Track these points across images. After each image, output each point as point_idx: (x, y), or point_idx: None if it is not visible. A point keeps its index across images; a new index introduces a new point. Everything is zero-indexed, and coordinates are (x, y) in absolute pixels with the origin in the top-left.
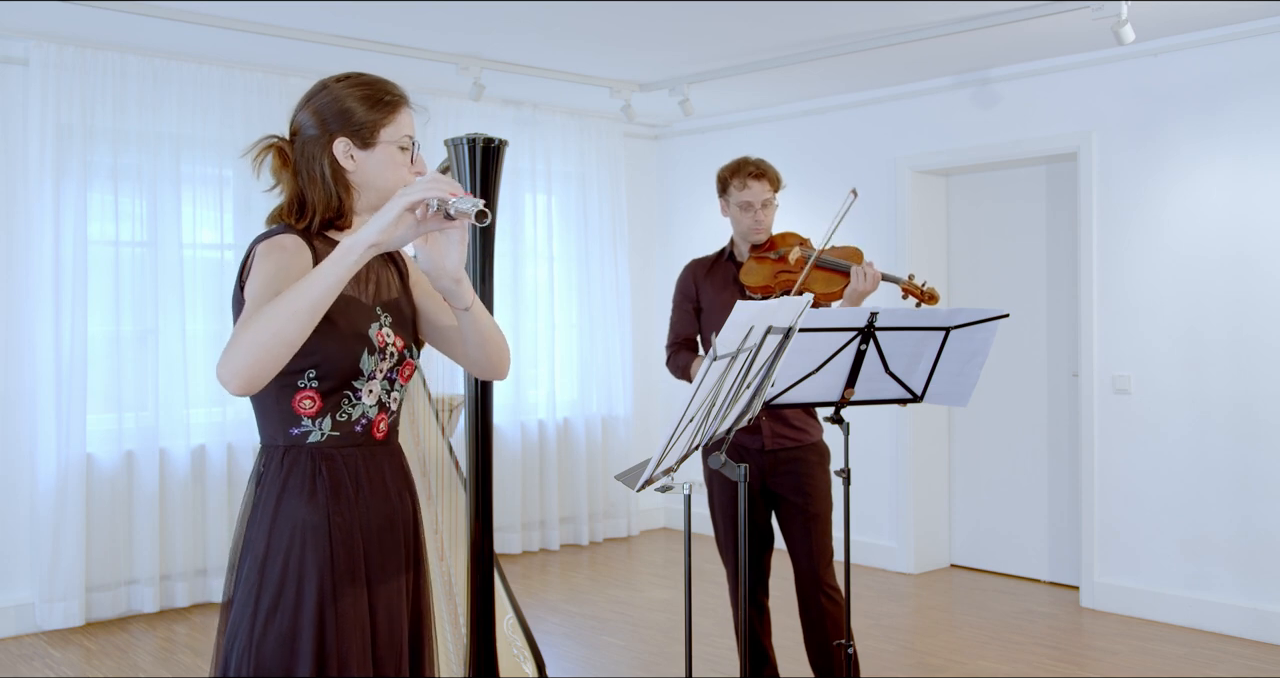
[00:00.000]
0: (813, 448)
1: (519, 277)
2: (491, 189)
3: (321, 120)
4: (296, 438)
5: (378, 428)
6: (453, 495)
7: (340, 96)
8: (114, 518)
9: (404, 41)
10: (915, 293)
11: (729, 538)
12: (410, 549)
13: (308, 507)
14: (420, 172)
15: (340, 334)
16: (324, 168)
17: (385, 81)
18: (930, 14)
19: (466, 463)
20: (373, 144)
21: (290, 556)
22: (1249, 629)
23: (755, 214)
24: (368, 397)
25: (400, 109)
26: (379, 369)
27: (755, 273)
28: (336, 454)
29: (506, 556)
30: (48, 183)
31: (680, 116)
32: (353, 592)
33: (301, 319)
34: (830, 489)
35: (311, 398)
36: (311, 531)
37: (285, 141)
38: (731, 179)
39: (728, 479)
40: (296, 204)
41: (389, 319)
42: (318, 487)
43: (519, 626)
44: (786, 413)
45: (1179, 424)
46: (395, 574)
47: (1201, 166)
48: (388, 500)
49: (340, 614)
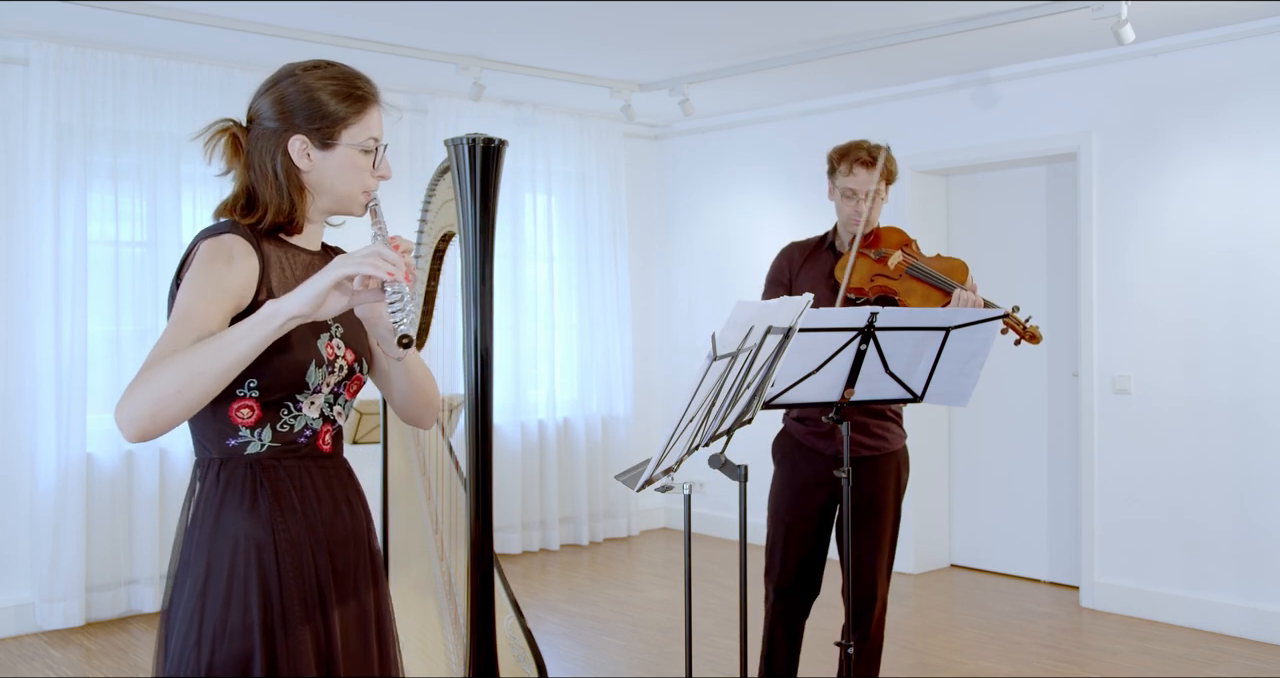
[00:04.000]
0: (890, 458)
1: (519, 277)
2: (491, 189)
3: (283, 111)
4: (234, 449)
5: (322, 440)
6: (453, 496)
7: (308, 86)
8: (114, 518)
9: (404, 41)
10: (1017, 329)
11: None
12: (367, 567)
13: (249, 520)
14: (384, 175)
15: (287, 344)
16: (277, 165)
17: (358, 75)
18: (930, 14)
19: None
20: (332, 145)
21: (234, 575)
22: (1249, 629)
23: (857, 204)
24: (309, 409)
25: (369, 107)
26: (325, 383)
27: (855, 270)
28: (279, 466)
29: (506, 556)
30: (48, 183)
31: (680, 116)
32: (307, 615)
33: (207, 383)
34: (901, 502)
35: (250, 407)
36: (255, 546)
37: (240, 128)
38: (840, 162)
39: (790, 486)
40: (246, 198)
41: (340, 330)
42: (259, 499)
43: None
44: (868, 420)
45: (1179, 424)
46: (351, 597)
47: (1201, 167)
48: (339, 514)
49: (294, 638)
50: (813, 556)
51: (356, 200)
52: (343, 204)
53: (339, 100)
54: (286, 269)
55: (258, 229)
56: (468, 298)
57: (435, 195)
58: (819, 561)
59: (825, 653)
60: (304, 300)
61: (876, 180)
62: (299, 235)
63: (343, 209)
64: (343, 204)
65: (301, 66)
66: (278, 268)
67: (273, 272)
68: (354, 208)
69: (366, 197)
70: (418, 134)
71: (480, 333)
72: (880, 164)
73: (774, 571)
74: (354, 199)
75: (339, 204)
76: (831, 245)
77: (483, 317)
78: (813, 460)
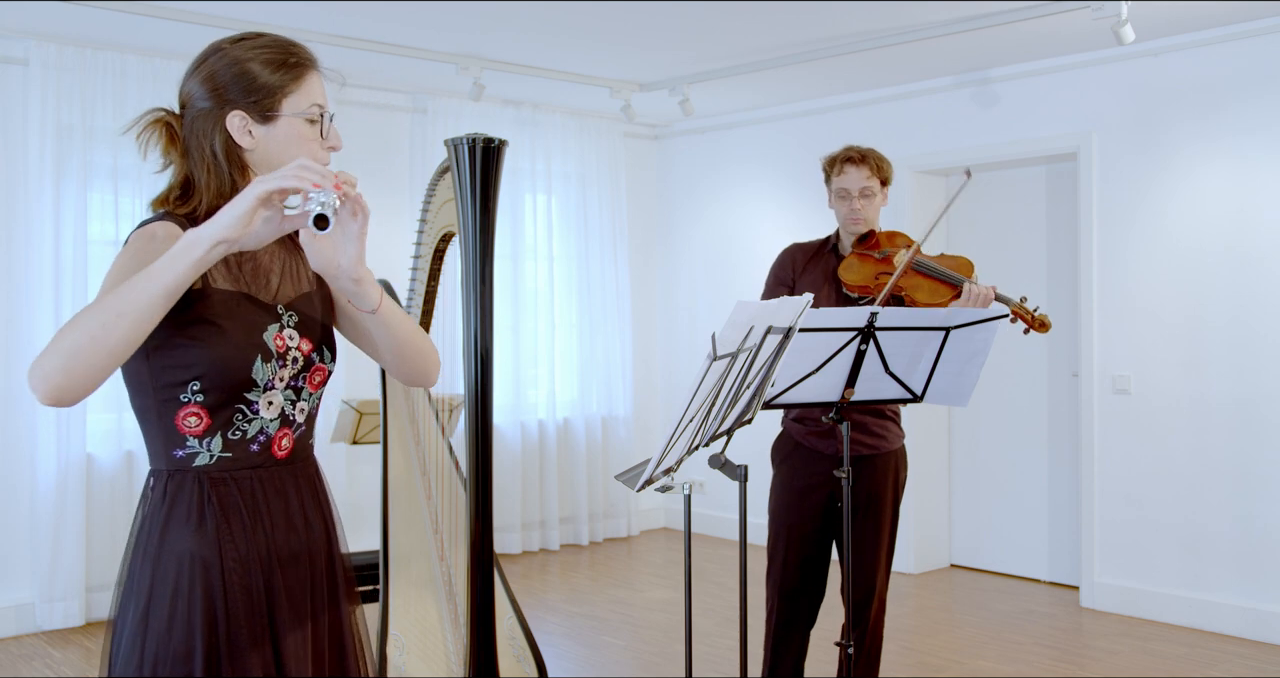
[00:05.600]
0: (888, 457)
1: (519, 277)
2: (491, 189)
3: (214, 88)
4: (181, 461)
5: (278, 445)
6: (453, 496)
7: (237, 58)
8: (114, 518)
9: (404, 41)
10: (1026, 318)
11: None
12: (326, 585)
13: (194, 538)
14: (334, 146)
15: (227, 339)
16: (215, 146)
17: (290, 42)
18: (930, 14)
19: (466, 463)
20: (274, 117)
21: (177, 596)
22: (1249, 629)
23: (851, 203)
24: (266, 410)
25: (307, 73)
26: (278, 377)
27: (855, 270)
28: (229, 478)
29: (506, 556)
30: (48, 183)
31: (680, 116)
32: (254, 639)
33: (125, 325)
34: (899, 501)
35: (197, 414)
36: (201, 567)
37: (173, 116)
38: (832, 166)
39: (791, 488)
40: (182, 188)
41: (294, 319)
42: (206, 516)
43: (519, 626)
44: (867, 419)
45: (1179, 424)
46: (306, 619)
47: (1201, 166)
48: (293, 531)
49: (239, 664)
50: (816, 556)
51: None
52: None
53: (273, 69)
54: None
55: (194, 217)
56: (468, 298)
57: (435, 195)
58: (823, 561)
59: (825, 653)
60: (226, 223)
61: (868, 176)
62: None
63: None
64: None
65: (229, 40)
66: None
67: None
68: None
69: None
70: (418, 134)
71: (480, 333)
72: (870, 160)
73: (776, 573)
74: None
75: None
76: (835, 248)
77: (483, 317)
78: (812, 462)
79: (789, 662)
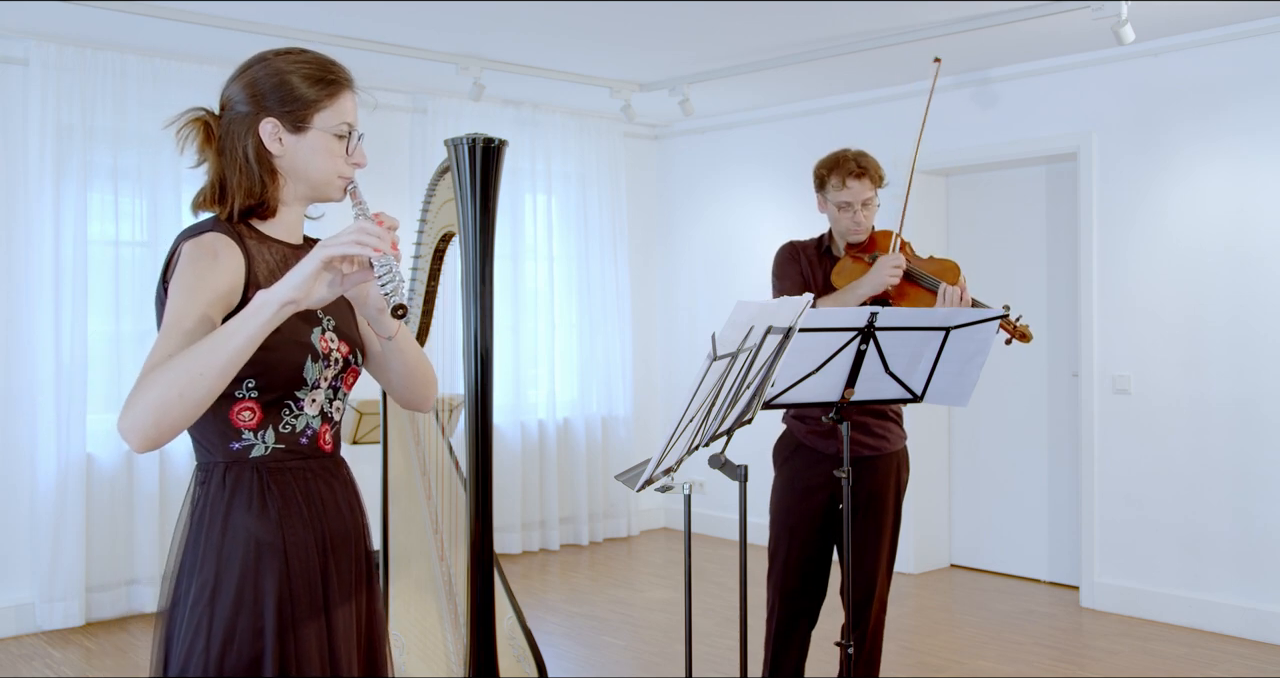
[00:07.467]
0: (890, 458)
1: (519, 277)
2: (491, 189)
3: (254, 94)
4: (239, 453)
5: (323, 439)
6: (453, 496)
7: (279, 69)
8: (114, 518)
9: (404, 41)
10: (1008, 328)
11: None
12: (362, 569)
13: (259, 524)
14: (359, 163)
15: (283, 340)
16: (248, 149)
17: (331, 61)
18: (930, 14)
19: (466, 463)
20: (304, 128)
21: (245, 580)
22: (1249, 629)
23: (855, 215)
24: (310, 407)
25: (342, 92)
26: (323, 377)
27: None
28: (284, 469)
29: (506, 556)
30: (48, 183)
31: (680, 116)
32: (312, 617)
33: (208, 383)
34: (901, 502)
35: (251, 409)
36: (267, 550)
37: (213, 116)
38: (829, 176)
39: (792, 490)
40: (218, 188)
41: (332, 323)
42: (269, 503)
43: (519, 626)
44: (868, 420)
45: (1179, 424)
46: (350, 596)
47: (1201, 167)
48: (340, 517)
49: (301, 641)
50: (817, 556)
51: (333, 184)
52: (319, 190)
53: (310, 84)
54: (271, 263)
55: (232, 220)
56: (468, 298)
57: (435, 195)
58: (824, 562)
59: (825, 653)
60: (293, 285)
61: (870, 188)
62: (278, 226)
63: (320, 195)
64: (319, 190)
65: (274, 52)
66: (261, 262)
67: (258, 266)
68: (331, 193)
69: (343, 182)
70: (418, 134)
71: (480, 333)
72: (870, 172)
73: (777, 573)
74: (330, 184)
75: (315, 190)
76: (829, 250)
77: (483, 317)
78: (814, 463)
79: (789, 662)
